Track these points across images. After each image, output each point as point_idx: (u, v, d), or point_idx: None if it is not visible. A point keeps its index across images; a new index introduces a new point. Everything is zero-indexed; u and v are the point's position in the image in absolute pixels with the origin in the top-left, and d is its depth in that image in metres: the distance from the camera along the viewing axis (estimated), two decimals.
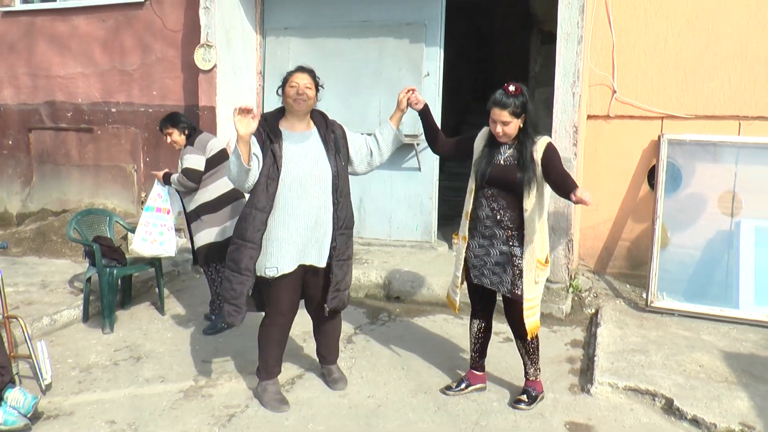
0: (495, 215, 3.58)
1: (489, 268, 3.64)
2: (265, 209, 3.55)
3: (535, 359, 3.80)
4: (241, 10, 6.73)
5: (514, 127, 3.46)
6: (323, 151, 3.68)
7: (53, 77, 7.86)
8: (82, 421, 3.62)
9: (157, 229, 4.87)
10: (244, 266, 3.57)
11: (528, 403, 3.75)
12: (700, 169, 5.34)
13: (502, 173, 3.52)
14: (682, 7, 5.47)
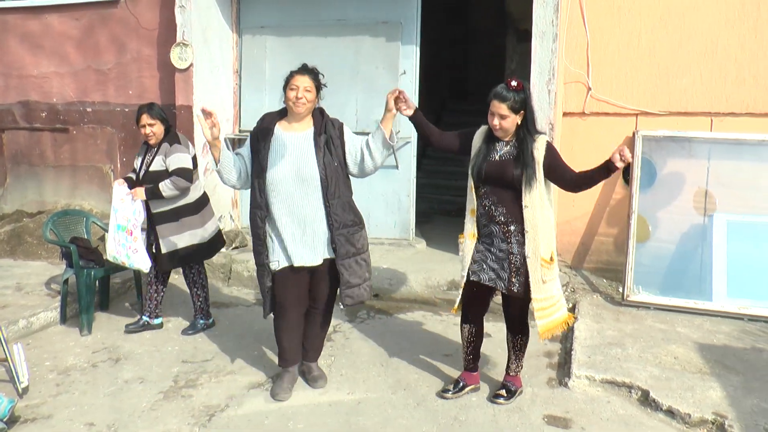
0: (488, 212, 3.60)
1: (489, 264, 3.63)
2: (260, 207, 3.72)
3: (520, 355, 3.83)
4: (217, 8, 6.70)
5: (511, 122, 3.48)
6: (312, 150, 3.69)
7: (26, 77, 7.76)
8: (61, 424, 3.60)
9: (125, 251, 4.63)
10: (259, 261, 3.85)
11: (507, 397, 3.78)
12: (674, 164, 5.42)
13: (497, 169, 3.54)
14: (655, 5, 5.54)
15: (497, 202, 3.56)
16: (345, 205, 3.76)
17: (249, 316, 5.21)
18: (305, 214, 3.68)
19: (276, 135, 3.72)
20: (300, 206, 3.68)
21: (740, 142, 5.28)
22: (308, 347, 4.08)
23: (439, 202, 8.18)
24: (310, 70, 3.73)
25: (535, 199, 3.49)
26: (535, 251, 3.51)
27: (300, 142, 3.71)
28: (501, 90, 3.46)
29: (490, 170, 3.56)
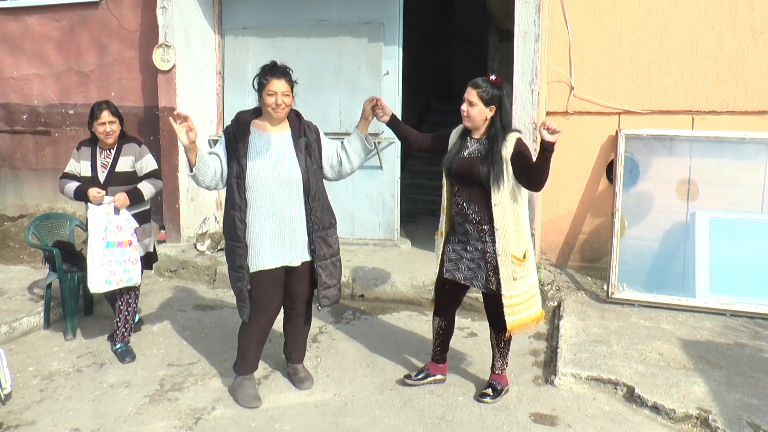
0: (461, 209, 3.63)
1: (465, 264, 3.68)
2: (240, 208, 3.65)
3: (504, 353, 3.84)
4: (199, 9, 6.67)
5: (479, 112, 3.50)
6: (293, 153, 3.69)
7: (6, 79, 7.67)
8: (45, 429, 3.56)
9: (122, 266, 4.32)
10: (238, 264, 3.70)
11: (493, 396, 3.80)
12: (657, 162, 5.48)
13: (465, 166, 3.57)
14: (635, 6, 5.59)
15: (469, 201, 3.59)
16: (324, 207, 3.79)
17: (234, 318, 5.16)
18: (285, 215, 3.67)
19: (254, 135, 3.68)
20: (280, 207, 3.66)
21: (721, 140, 5.34)
22: (292, 349, 4.07)
23: (424, 202, 8.20)
24: (285, 72, 3.66)
25: (505, 197, 3.50)
26: (506, 249, 3.53)
27: (279, 143, 3.70)
28: (477, 79, 3.53)
29: (459, 167, 3.60)
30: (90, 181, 4.38)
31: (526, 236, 3.63)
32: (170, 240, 6.65)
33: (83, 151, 4.47)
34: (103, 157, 4.43)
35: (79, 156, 4.46)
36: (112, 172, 4.40)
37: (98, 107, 4.37)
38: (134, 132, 7.12)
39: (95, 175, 4.40)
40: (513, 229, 3.54)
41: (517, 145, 3.49)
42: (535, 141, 5.41)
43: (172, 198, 6.63)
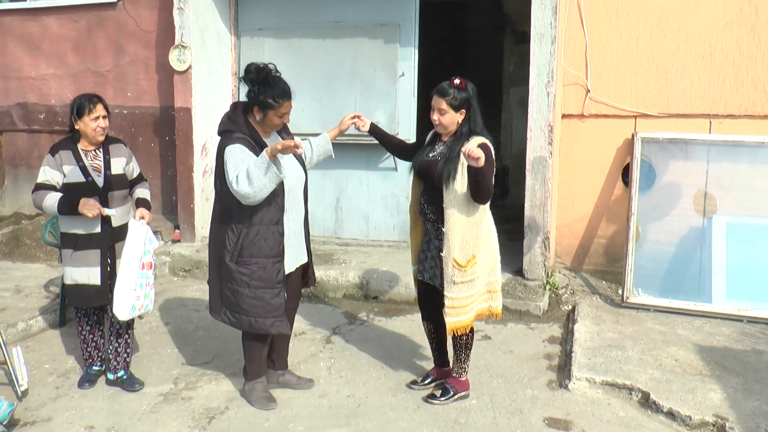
0: (423, 209, 3.69)
1: (428, 263, 3.74)
2: (279, 221, 3.54)
3: (461, 356, 3.77)
4: (215, 10, 6.69)
5: (450, 118, 3.50)
6: (293, 156, 3.70)
7: (25, 78, 7.75)
8: (60, 427, 3.59)
9: (143, 291, 3.87)
10: (278, 280, 3.57)
11: (441, 398, 3.76)
12: (673, 166, 5.43)
13: (426, 166, 3.61)
14: (653, 8, 5.55)
15: (429, 201, 3.63)
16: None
17: None
18: (301, 215, 3.76)
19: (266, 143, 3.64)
20: (300, 210, 3.75)
21: (739, 144, 5.29)
22: (282, 355, 4.01)
23: None
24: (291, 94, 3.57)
25: (458, 199, 3.47)
26: (449, 251, 3.51)
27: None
28: (442, 85, 3.52)
29: (422, 167, 3.64)
30: (85, 187, 3.80)
31: (479, 242, 3.54)
32: (185, 240, 6.68)
33: (63, 156, 3.81)
34: (91, 159, 3.87)
35: (59, 161, 3.80)
36: (108, 175, 3.89)
37: (90, 100, 3.82)
38: (149, 132, 7.17)
39: (91, 180, 3.82)
40: (461, 233, 3.50)
41: None
42: (550, 144, 5.38)
43: (187, 198, 6.66)
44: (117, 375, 4.05)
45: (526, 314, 5.17)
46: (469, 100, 3.50)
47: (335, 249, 6.51)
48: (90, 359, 4.13)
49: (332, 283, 5.69)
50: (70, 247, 3.88)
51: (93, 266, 3.89)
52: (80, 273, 3.88)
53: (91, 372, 4.14)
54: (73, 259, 3.88)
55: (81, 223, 3.82)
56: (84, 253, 3.86)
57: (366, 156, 6.55)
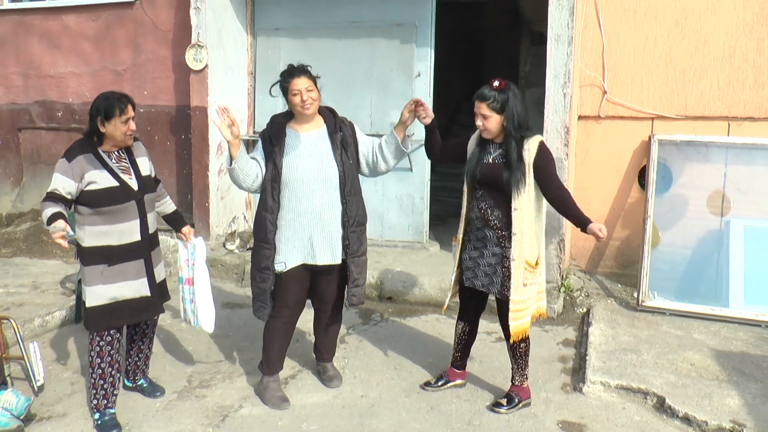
0: (483, 215, 3.59)
1: (482, 270, 3.65)
2: (272, 210, 3.66)
3: (521, 364, 3.75)
4: (231, 10, 6.72)
5: (494, 122, 3.47)
6: (330, 150, 3.71)
7: (43, 77, 7.81)
8: (75, 422, 3.61)
9: (189, 306, 3.89)
10: (264, 266, 3.70)
11: (507, 407, 3.71)
12: (691, 169, 5.38)
13: (489, 172, 3.54)
14: (671, 9, 5.51)
15: (493, 206, 3.55)
16: (359, 204, 3.79)
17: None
18: (323, 212, 3.68)
19: (290, 136, 3.72)
20: (318, 205, 3.67)
21: (758, 147, 5.24)
22: (322, 348, 4.09)
23: (453, 205, 8.11)
24: (304, 70, 3.66)
25: (524, 202, 3.46)
26: (521, 254, 3.49)
27: (315, 141, 3.72)
28: (483, 90, 3.49)
29: (484, 173, 3.57)
30: (120, 191, 3.46)
31: (541, 242, 3.60)
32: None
33: (84, 161, 3.40)
34: (115, 162, 3.51)
35: (78, 168, 3.38)
36: (140, 177, 3.58)
37: (120, 100, 3.45)
38: (165, 131, 7.20)
39: (124, 184, 3.48)
40: (529, 234, 3.50)
41: (540, 152, 3.47)
42: (566, 146, 5.35)
43: (202, 196, 6.69)
44: (136, 383, 3.93)
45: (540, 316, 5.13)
46: (508, 100, 3.45)
47: None
48: (105, 400, 3.57)
49: None
50: (101, 262, 3.45)
51: (138, 278, 3.57)
52: (121, 288, 3.51)
53: (111, 416, 3.59)
54: (106, 275, 3.46)
55: (115, 234, 3.46)
56: (122, 267, 3.50)
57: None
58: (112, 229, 3.44)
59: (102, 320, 3.50)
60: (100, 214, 3.42)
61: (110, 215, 3.43)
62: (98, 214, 3.42)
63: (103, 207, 3.40)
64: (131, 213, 3.50)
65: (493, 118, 3.46)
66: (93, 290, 3.46)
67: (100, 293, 3.46)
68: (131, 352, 3.89)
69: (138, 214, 3.52)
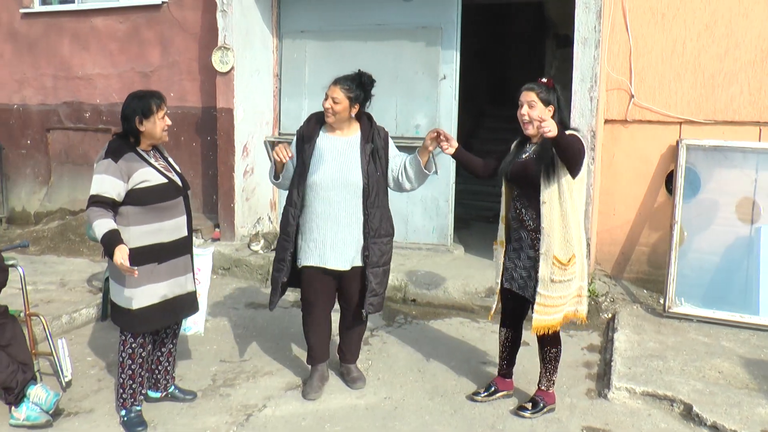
0: (518, 216, 3.58)
1: (518, 272, 3.63)
2: (295, 205, 3.77)
3: (550, 369, 3.71)
4: (258, 12, 6.76)
5: (539, 112, 3.43)
6: (358, 157, 3.73)
7: (72, 78, 7.93)
8: (102, 419, 3.66)
9: None
10: (281, 257, 3.86)
11: (532, 411, 3.68)
12: (719, 174, 5.31)
13: (521, 168, 3.53)
14: (701, 12, 5.44)
15: (528, 206, 3.53)
16: (383, 216, 3.80)
17: (286, 318, 5.22)
18: (341, 218, 3.72)
19: (321, 138, 3.79)
20: (337, 210, 3.72)
21: None
22: (345, 349, 4.12)
23: (478, 208, 8.14)
24: (346, 79, 3.70)
25: (554, 195, 3.41)
26: (549, 248, 3.44)
27: (345, 147, 3.76)
28: (530, 83, 3.51)
29: (515, 169, 3.56)
30: (170, 188, 3.48)
31: (576, 242, 3.49)
32: (224, 238, 6.75)
33: (130, 160, 3.38)
34: (154, 160, 3.52)
35: (127, 168, 3.35)
36: (179, 174, 3.64)
37: (154, 98, 3.45)
38: (191, 132, 7.27)
39: (171, 180, 3.51)
40: (559, 230, 3.44)
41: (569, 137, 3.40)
42: (592, 150, 5.31)
43: (227, 197, 6.74)
44: (167, 391, 3.85)
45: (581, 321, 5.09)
46: (557, 99, 3.47)
47: None
48: (133, 398, 3.60)
49: None
50: (151, 260, 3.41)
51: (186, 273, 3.61)
52: (170, 286, 3.51)
53: (138, 413, 3.61)
54: (156, 273, 3.44)
55: (166, 231, 3.45)
56: (173, 264, 3.51)
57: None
58: (162, 226, 3.44)
59: (152, 320, 3.48)
60: (149, 212, 3.39)
61: (160, 212, 3.43)
62: (148, 213, 3.39)
63: (154, 204, 3.40)
64: (179, 209, 3.53)
65: (539, 108, 3.44)
66: (142, 290, 3.40)
67: (151, 292, 3.43)
68: (161, 358, 3.79)
69: (185, 209, 3.57)
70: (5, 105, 8.37)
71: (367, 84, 3.74)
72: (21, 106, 8.29)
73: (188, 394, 3.91)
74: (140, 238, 3.39)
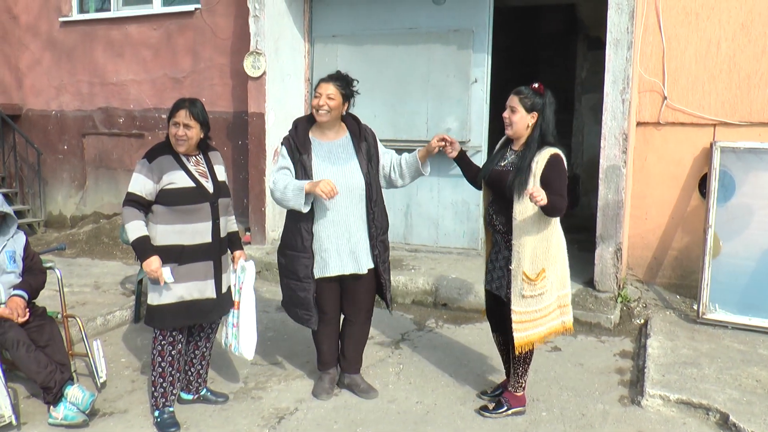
0: (491, 220, 3.62)
1: (496, 272, 3.66)
2: (306, 218, 3.67)
3: (519, 372, 3.67)
4: (289, 18, 6.81)
5: (520, 119, 3.45)
6: (355, 160, 3.73)
7: (107, 84, 8.08)
8: (136, 419, 3.72)
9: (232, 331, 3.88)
10: (303, 275, 3.72)
11: (493, 411, 3.68)
12: (755, 177, 5.20)
13: (497, 176, 3.54)
14: (736, 12, 5.36)
15: (498, 212, 3.55)
16: (383, 212, 3.85)
17: None
18: (350, 222, 3.72)
19: (315, 144, 3.72)
20: (344, 215, 3.70)
21: None
22: (351, 359, 4.02)
23: None
24: (337, 77, 3.70)
25: (526, 212, 3.39)
26: (518, 264, 3.44)
27: (340, 150, 3.74)
28: (520, 87, 3.50)
29: (492, 177, 3.57)
30: (197, 192, 3.54)
31: (548, 256, 3.47)
32: (255, 242, 6.81)
33: (164, 162, 3.51)
34: (193, 165, 3.61)
35: (158, 168, 3.49)
36: (216, 181, 3.66)
37: (174, 108, 3.58)
38: (223, 137, 7.35)
39: (200, 186, 3.56)
40: (531, 246, 3.43)
41: (550, 164, 3.38)
42: (624, 152, 5.25)
43: (258, 201, 6.80)
44: (199, 394, 3.91)
45: (596, 327, 5.05)
46: (544, 105, 3.44)
47: (404, 255, 6.53)
48: (164, 398, 3.65)
49: (401, 289, 5.70)
50: (171, 260, 3.49)
51: (206, 279, 3.61)
52: (188, 288, 3.55)
53: (170, 414, 3.67)
54: (176, 274, 3.50)
55: (188, 233, 3.53)
56: (191, 267, 3.55)
57: (437, 163, 6.48)
58: (185, 228, 3.51)
59: (167, 319, 3.55)
60: (174, 213, 3.50)
61: (184, 214, 3.51)
62: (173, 213, 3.50)
63: (178, 206, 3.49)
64: (204, 214, 3.57)
65: (519, 114, 3.46)
66: (159, 289, 3.52)
67: (167, 292, 3.52)
68: (194, 360, 3.86)
69: (211, 216, 3.59)
70: (44, 111, 8.56)
71: (351, 83, 3.74)
72: (58, 112, 8.47)
73: (220, 397, 3.94)
74: (164, 236, 3.51)
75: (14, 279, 3.90)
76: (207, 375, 3.98)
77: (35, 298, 4.01)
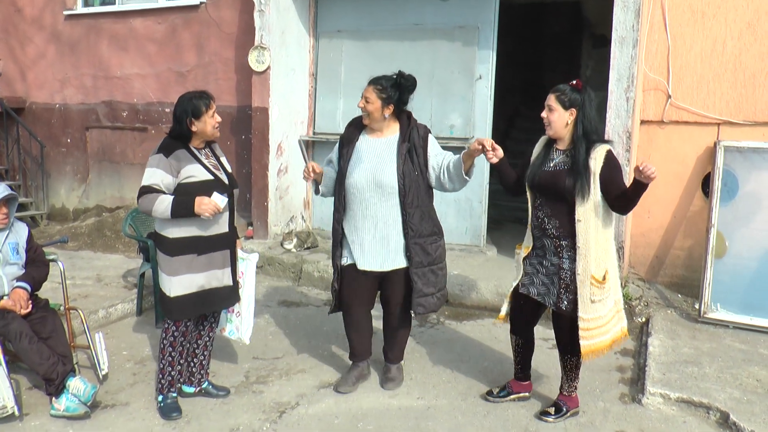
0: (540, 224, 3.50)
1: (540, 278, 3.55)
2: (338, 210, 3.84)
3: (571, 376, 3.66)
4: (294, 12, 6.81)
5: (559, 117, 3.38)
6: (394, 158, 3.73)
7: (111, 78, 8.09)
8: (138, 412, 3.72)
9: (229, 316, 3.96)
10: (333, 263, 3.97)
11: (555, 416, 3.64)
12: (759, 177, 5.19)
13: (550, 179, 3.43)
14: (743, 10, 5.34)
15: (551, 215, 3.45)
16: (424, 215, 3.77)
17: (319, 316, 5.26)
18: (378, 219, 3.74)
19: (361, 140, 3.84)
20: (374, 212, 3.73)
21: None
22: (386, 349, 4.12)
23: (511, 209, 8.08)
24: (377, 80, 3.74)
25: (590, 212, 3.33)
26: (585, 269, 3.36)
27: (381, 147, 3.77)
28: (559, 85, 3.44)
29: (543, 180, 3.45)
30: (217, 185, 3.58)
31: (608, 256, 3.43)
32: (258, 237, 6.82)
33: (181, 156, 3.54)
34: (204, 157, 3.66)
35: (177, 163, 3.52)
36: (228, 173, 3.75)
37: (203, 98, 3.59)
38: (226, 131, 7.36)
39: (218, 178, 3.62)
40: (595, 248, 3.37)
41: (608, 161, 3.33)
42: (628, 151, 5.25)
43: (260, 196, 6.80)
44: (201, 387, 3.92)
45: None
46: (583, 101, 3.36)
47: None
48: (170, 385, 3.73)
49: None
50: (191, 252, 3.54)
51: (224, 267, 3.68)
52: (208, 277, 3.61)
53: (174, 399, 3.75)
54: (194, 264, 3.55)
55: (205, 225, 3.56)
56: (211, 257, 3.61)
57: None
58: (199, 220, 3.53)
59: (187, 309, 3.59)
60: None
61: None
62: None
63: None
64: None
65: (557, 112, 3.38)
66: (180, 280, 3.54)
67: (188, 282, 3.55)
68: (197, 350, 3.88)
69: (228, 206, 3.65)
70: (48, 104, 8.58)
71: (405, 85, 3.73)
72: (62, 105, 8.48)
73: (221, 390, 3.95)
74: (183, 229, 3.53)
75: (17, 270, 3.92)
76: (209, 366, 3.99)
77: (38, 290, 4.02)
